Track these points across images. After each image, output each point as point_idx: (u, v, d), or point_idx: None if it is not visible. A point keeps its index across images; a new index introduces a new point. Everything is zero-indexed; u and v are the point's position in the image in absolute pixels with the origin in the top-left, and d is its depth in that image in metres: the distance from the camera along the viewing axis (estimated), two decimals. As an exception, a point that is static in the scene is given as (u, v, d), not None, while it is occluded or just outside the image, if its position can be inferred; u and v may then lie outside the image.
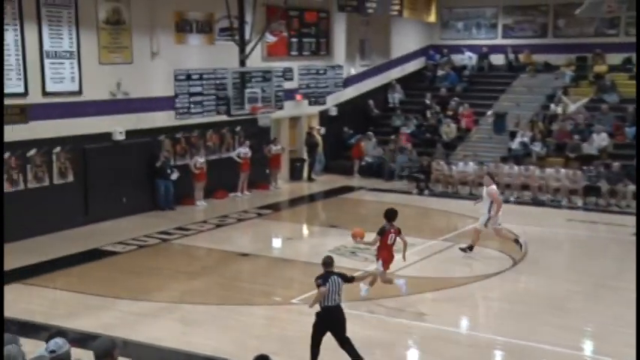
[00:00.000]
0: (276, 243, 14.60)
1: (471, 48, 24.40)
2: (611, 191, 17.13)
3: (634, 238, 13.34)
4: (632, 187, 16.90)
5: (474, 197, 17.30)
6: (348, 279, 8.23)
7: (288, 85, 19.81)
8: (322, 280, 7.98)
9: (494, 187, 12.83)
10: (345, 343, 7.96)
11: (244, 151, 17.97)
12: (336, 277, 8.03)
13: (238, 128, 18.35)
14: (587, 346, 9.04)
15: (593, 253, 13.35)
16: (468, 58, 24.37)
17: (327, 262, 8.18)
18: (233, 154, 17.89)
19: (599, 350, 8.75)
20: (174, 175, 16.10)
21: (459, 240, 14.01)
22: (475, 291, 10.95)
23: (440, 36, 25.26)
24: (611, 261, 12.83)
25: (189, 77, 16.91)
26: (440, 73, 24.16)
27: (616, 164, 17.34)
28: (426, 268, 12.19)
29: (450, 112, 21.84)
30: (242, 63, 17.55)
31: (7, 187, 13.03)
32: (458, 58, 24.69)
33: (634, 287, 11.12)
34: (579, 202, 17.37)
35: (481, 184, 18.21)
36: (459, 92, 23.00)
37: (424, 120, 21.96)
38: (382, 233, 10.20)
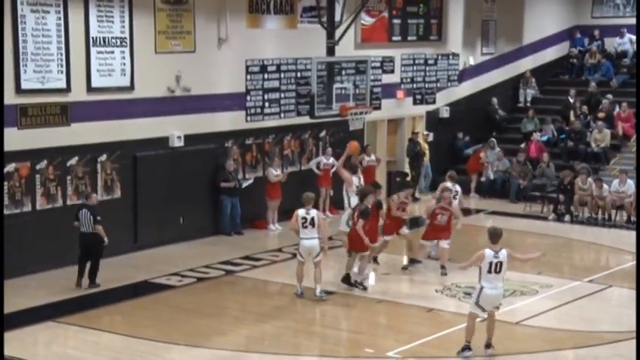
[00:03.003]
0: (370, 279, 14.60)
1: (633, 29, 23.68)
2: None
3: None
4: None
5: (633, 226, 16.72)
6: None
7: (387, 79, 19.89)
8: None
9: None
10: None
11: (326, 161, 18.12)
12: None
13: (323, 133, 18.56)
14: None
15: None
16: (629, 42, 23.72)
17: None
18: (312, 164, 18.10)
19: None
20: (247, 183, 16.37)
21: (611, 282, 13.57)
22: (629, 351, 10.53)
23: (590, 13, 24.70)
24: None
25: (264, 69, 17.28)
26: (589, 62, 23.63)
27: None
28: (564, 319, 11.88)
29: (601, 114, 21.29)
30: (330, 51, 17.74)
31: (42, 203, 13.71)
32: (614, 43, 24.05)
33: None
34: None
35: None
36: (614, 87, 22.40)
37: (566, 124, 21.49)
38: None
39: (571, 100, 22.07)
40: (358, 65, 17.91)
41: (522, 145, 21.06)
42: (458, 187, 15.51)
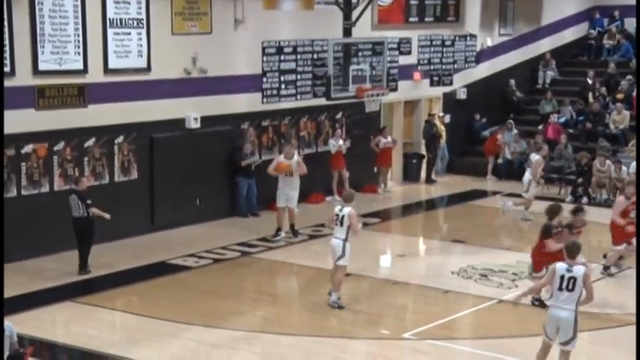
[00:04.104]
0: (385, 261, 14.61)
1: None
2: None
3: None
4: None
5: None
6: None
7: (404, 60, 19.79)
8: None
9: None
10: None
11: (336, 142, 18.05)
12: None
13: (340, 115, 18.51)
14: None
15: None
16: (649, 23, 23.44)
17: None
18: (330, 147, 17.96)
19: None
20: (254, 159, 16.28)
21: (629, 264, 13.47)
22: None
23: (610, -7, 24.44)
24: None
25: (280, 51, 17.23)
26: (608, 43, 23.36)
27: None
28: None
29: (620, 95, 21.07)
30: (347, 32, 17.65)
31: (60, 184, 13.77)
32: (634, 23, 23.74)
33: None
34: None
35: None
36: (634, 68, 22.11)
37: (585, 105, 21.29)
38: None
39: (589, 82, 21.85)
40: (375, 47, 17.81)
41: (540, 127, 20.88)
42: None
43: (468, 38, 21.34)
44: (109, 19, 14.26)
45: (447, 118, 20.97)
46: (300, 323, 10.96)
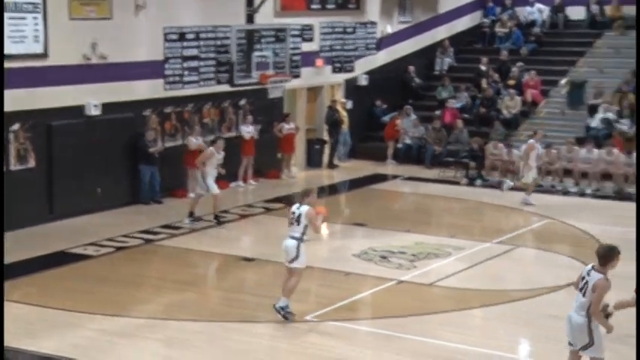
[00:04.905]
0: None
1: (542, -2, 24.21)
2: None
3: None
4: None
5: (540, 188, 17.21)
6: None
7: (306, 47, 19.79)
8: None
9: None
10: None
11: (247, 129, 18.02)
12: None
13: (243, 101, 18.40)
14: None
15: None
16: (538, 12, 24.20)
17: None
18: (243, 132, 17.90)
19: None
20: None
21: (519, 242, 13.94)
22: (537, 308, 10.88)
23: (502, -18, 25.04)
24: None
25: (182, 37, 16.97)
26: (500, 31, 23.96)
27: None
28: (475, 278, 12.14)
29: (511, 82, 21.69)
30: (249, 19, 17.56)
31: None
32: (524, 12, 24.47)
33: None
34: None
35: (549, 172, 18.17)
36: (524, 56, 22.84)
37: (478, 91, 21.82)
38: None
39: (483, 68, 22.40)
40: (278, 33, 17.82)
41: (437, 112, 21.31)
42: None
43: (369, 26, 21.53)
44: (3, 2, 13.71)
45: (349, 104, 21.15)
46: (204, 309, 10.86)
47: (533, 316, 10.62)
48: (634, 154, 17.81)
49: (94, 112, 15.24)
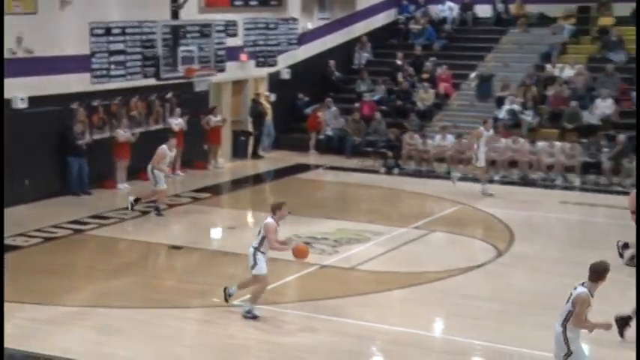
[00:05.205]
0: (216, 233, 14.53)
1: (453, -4, 24.55)
2: (614, 168, 17.49)
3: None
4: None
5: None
6: None
7: (231, 42, 19.61)
8: None
9: None
10: None
11: (176, 122, 17.79)
12: None
13: (170, 95, 18.13)
14: (581, 351, 9.21)
15: (590, 242, 13.64)
16: (448, 10, 24.52)
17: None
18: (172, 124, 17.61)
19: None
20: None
21: (434, 227, 14.18)
22: (451, 288, 11.10)
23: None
24: (612, 251, 13.09)
25: (108, 32, 16.61)
26: (414, 28, 24.24)
27: (621, 136, 17.66)
28: (393, 262, 12.29)
29: (425, 75, 21.98)
30: (174, 15, 17.31)
31: None
32: (436, 10, 24.80)
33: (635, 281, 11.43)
34: (576, 181, 17.71)
35: (460, 161, 18.53)
36: (436, 51, 23.14)
37: (395, 84, 22.05)
38: None
39: (399, 63, 22.62)
40: (202, 29, 17.62)
41: (356, 105, 21.44)
42: None
43: (290, 22, 21.48)
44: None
45: (273, 97, 21.08)
46: (134, 297, 10.69)
47: (448, 295, 10.83)
48: (538, 144, 18.31)
49: (21, 105, 14.81)
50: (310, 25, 22.33)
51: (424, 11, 24.81)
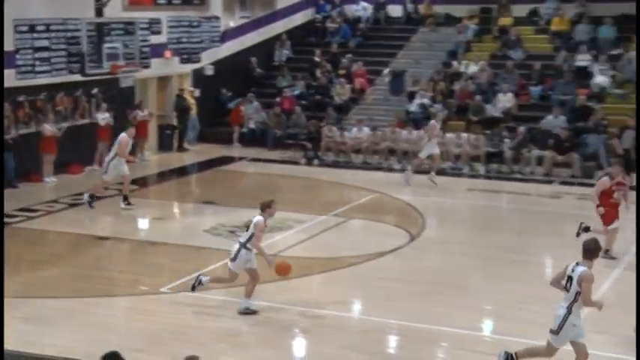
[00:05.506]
0: (143, 224, 14.34)
1: (358, -4, 24.76)
2: (515, 157, 18.09)
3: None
4: (536, 152, 17.93)
5: (369, 166, 17.76)
6: None
7: (155, 39, 19.32)
8: None
9: None
10: None
11: (103, 116, 17.44)
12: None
13: (95, 90, 17.75)
14: (487, 326, 9.56)
15: (494, 225, 14.11)
16: (363, 9, 24.73)
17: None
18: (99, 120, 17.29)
19: (499, 329, 9.27)
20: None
21: (352, 214, 14.36)
22: (367, 271, 11.29)
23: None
24: (514, 233, 13.59)
25: (32, 29, 16.15)
26: (331, 26, 24.38)
27: (521, 128, 18.26)
28: (314, 248, 12.41)
29: (342, 71, 22.16)
30: (98, 12, 16.94)
31: None
32: (351, 9, 24.99)
33: (537, 260, 11.92)
34: (481, 170, 18.24)
35: (376, 152, 18.79)
36: (352, 48, 23.34)
37: (313, 80, 22.15)
38: None
39: (317, 60, 22.72)
40: (127, 26, 17.32)
41: (277, 99, 21.45)
42: None
43: (213, 20, 21.30)
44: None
45: (197, 92, 20.87)
46: (63, 287, 10.46)
47: (364, 278, 11.02)
48: (446, 135, 18.71)
49: (-55, 101, 14.22)
50: (232, 24, 22.20)
51: (340, 11, 24.97)
